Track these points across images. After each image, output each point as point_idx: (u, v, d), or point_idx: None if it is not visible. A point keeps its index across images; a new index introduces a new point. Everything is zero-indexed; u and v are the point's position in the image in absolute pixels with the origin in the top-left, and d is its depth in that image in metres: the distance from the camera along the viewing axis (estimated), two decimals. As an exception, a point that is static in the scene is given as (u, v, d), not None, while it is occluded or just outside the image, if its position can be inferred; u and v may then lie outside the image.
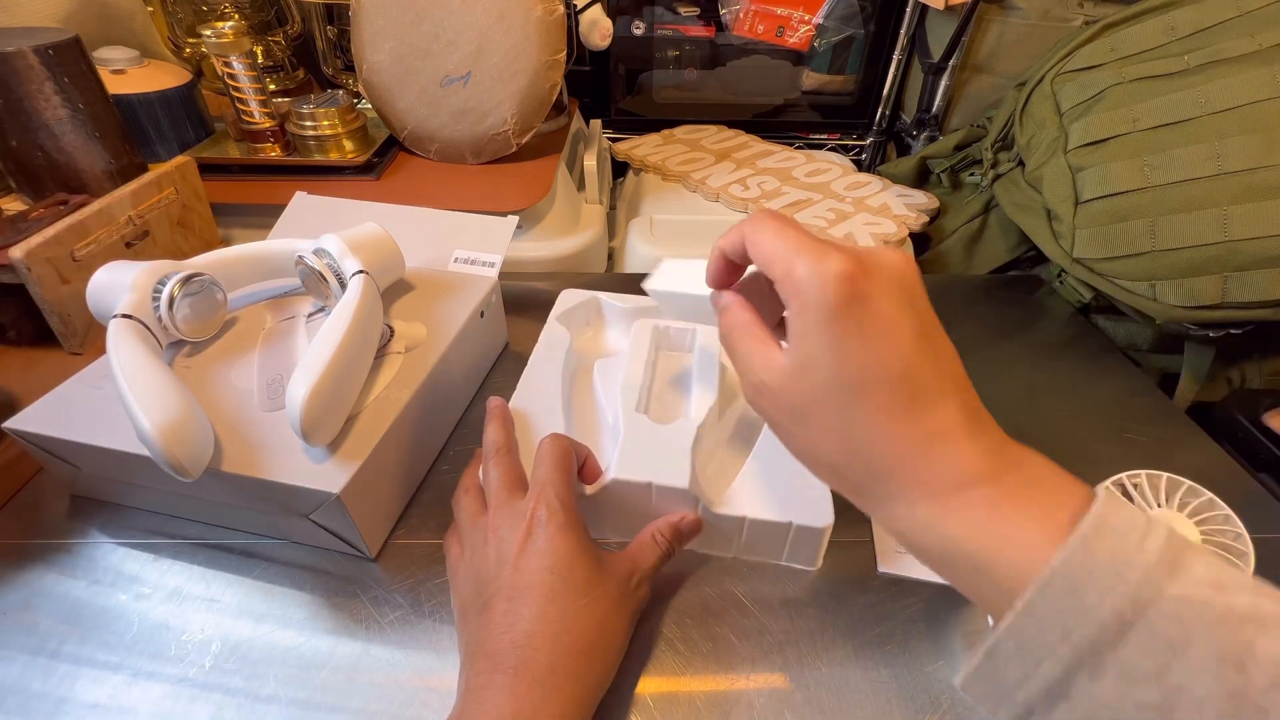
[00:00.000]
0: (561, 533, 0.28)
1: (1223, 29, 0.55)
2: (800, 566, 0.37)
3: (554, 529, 0.28)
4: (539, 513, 0.28)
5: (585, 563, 0.28)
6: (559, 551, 0.28)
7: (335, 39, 0.82)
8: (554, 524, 0.28)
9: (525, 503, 0.29)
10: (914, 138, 0.92)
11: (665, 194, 0.80)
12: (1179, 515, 0.38)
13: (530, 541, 0.28)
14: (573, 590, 0.27)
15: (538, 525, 0.28)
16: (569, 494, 0.30)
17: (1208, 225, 0.51)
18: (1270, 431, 0.48)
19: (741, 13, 0.92)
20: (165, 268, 0.39)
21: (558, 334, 0.46)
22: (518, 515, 0.29)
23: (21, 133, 0.53)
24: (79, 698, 0.31)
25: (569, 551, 0.28)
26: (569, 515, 0.29)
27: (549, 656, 0.25)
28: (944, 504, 0.22)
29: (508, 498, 0.30)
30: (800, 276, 0.22)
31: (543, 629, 0.26)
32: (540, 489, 0.30)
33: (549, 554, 0.27)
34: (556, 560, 0.27)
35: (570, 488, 0.30)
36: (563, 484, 0.30)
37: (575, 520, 0.29)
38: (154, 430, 0.30)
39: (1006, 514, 0.21)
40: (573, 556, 0.28)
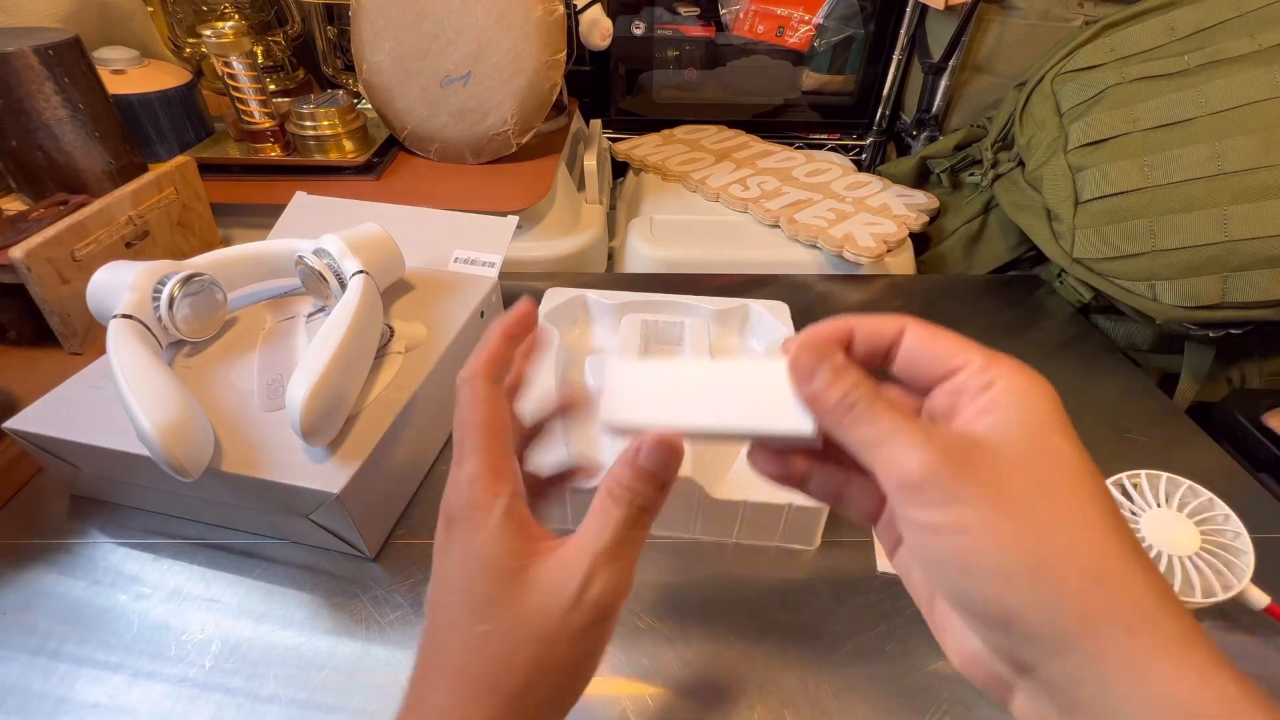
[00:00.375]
0: (465, 534, 0.21)
1: (1223, 29, 0.55)
2: (799, 546, 0.38)
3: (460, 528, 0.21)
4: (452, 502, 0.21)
5: (493, 579, 0.20)
6: (465, 558, 0.21)
7: (335, 39, 0.82)
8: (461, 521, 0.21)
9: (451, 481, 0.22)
10: (914, 138, 0.92)
11: (665, 194, 0.80)
12: (1179, 515, 0.38)
13: (448, 541, 0.21)
14: (466, 614, 0.20)
15: (448, 520, 0.21)
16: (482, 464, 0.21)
17: (1207, 225, 0.51)
18: (1270, 431, 0.48)
19: (741, 13, 0.92)
20: (165, 268, 0.39)
21: (546, 333, 0.46)
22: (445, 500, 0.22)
23: (21, 133, 0.53)
24: (79, 698, 0.31)
25: (465, 559, 0.21)
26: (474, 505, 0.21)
27: (443, 697, 0.20)
28: (1177, 660, 0.15)
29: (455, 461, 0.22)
30: (1012, 365, 0.19)
31: (435, 661, 0.21)
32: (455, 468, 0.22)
33: (456, 560, 0.21)
34: (451, 570, 0.21)
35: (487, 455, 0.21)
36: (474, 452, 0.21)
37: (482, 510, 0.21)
38: (154, 430, 0.30)
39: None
40: (477, 570, 0.20)
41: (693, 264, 0.69)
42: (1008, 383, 0.19)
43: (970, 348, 0.20)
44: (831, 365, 0.20)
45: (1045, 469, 0.17)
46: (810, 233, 0.69)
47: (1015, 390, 0.19)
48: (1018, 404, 0.18)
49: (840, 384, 0.19)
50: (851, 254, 0.66)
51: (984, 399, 0.19)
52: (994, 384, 0.19)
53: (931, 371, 0.20)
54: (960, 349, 0.20)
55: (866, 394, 0.19)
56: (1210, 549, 0.36)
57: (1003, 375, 0.19)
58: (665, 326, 0.46)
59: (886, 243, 0.67)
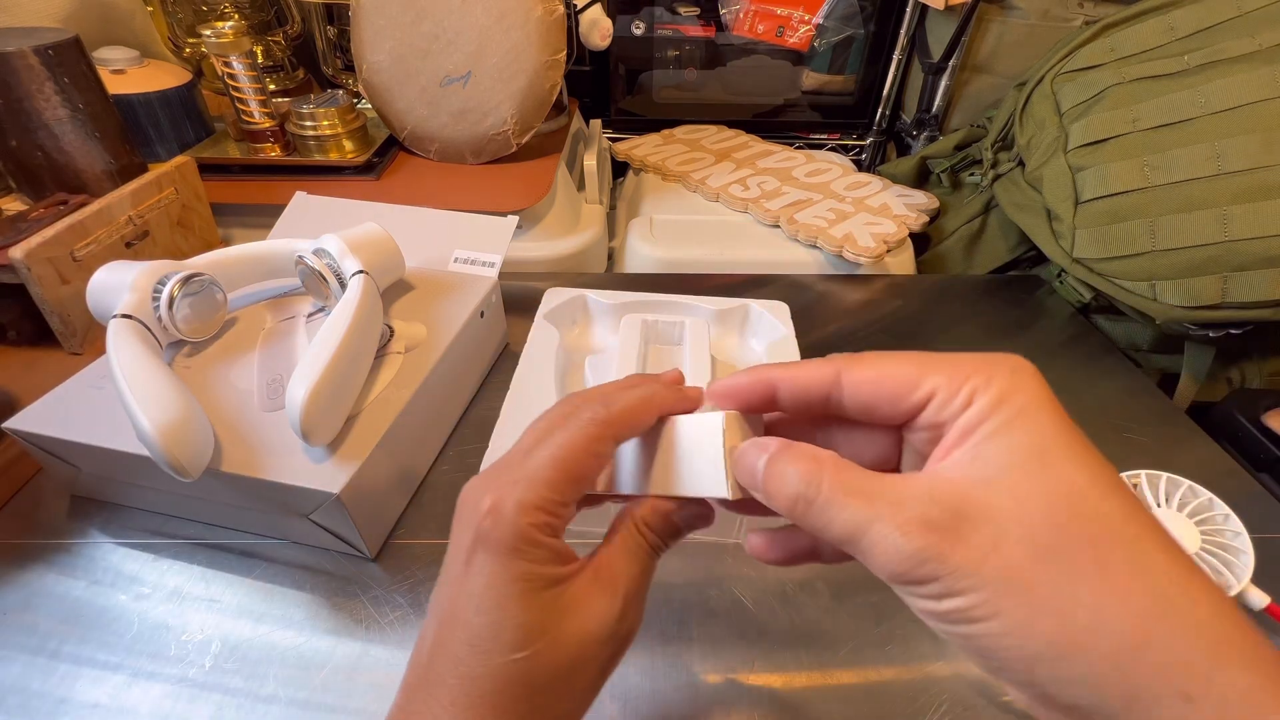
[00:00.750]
0: (502, 560, 0.19)
1: (1223, 29, 0.55)
2: None
3: (495, 552, 0.19)
4: (485, 524, 0.20)
5: (525, 606, 0.19)
6: (494, 584, 0.19)
7: (335, 39, 0.82)
8: (497, 544, 0.19)
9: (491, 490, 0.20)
10: (914, 138, 0.92)
11: (665, 194, 0.80)
12: (1179, 515, 0.38)
13: (471, 559, 0.20)
14: (501, 643, 0.19)
15: (481, 541, 0.20)
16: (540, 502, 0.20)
17: (1207, 225, 0.51)
18: (1270, 431, 0.48)
19: (741, 13, 0.92)
20: (165, 268, 0.39)
21: (547, 332, 0.46)
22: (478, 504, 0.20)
23: (21, 133, 0.53)
24: (79, 698, 0.31)
25: (504, 585, 0.19)
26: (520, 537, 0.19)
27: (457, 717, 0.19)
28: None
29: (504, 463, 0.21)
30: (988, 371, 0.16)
31: (455, 685, 0.19)
32: (510, 484, 0.20)
33: (482, 583, 0.19)
34: (487, 594, 0.19)
35: (554, 494, 0.20)
36: (541, 487, 0.20)
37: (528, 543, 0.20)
38: (154, 430, 0.30)
39: None
40: (507, 594, 0.19)
41: (693, 264, 0.69)
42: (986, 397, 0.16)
43: (928, 370, 0.17)
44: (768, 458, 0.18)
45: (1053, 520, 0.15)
46: (810, 233, 0.69)
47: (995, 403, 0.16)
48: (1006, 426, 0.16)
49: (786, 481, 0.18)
50: (851, 254, 0.66)
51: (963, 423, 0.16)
52: (974, 400, 0.16)
53: (894, 412, 0.18)
54: (915, 378, 0.17)
55: (827, 483, 0.17)
56: (1210, 549, 0.36)
57: (978, 387, 0.16)
58: (665, 326, 0.46)
59: (886, 243, 0.67)
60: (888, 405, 0.18)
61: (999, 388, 0.16)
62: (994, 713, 0.31)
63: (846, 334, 0.58)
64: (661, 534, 0.23)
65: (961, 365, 0.17)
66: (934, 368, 0.17)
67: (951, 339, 0.58)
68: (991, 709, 0.31)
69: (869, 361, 0.18)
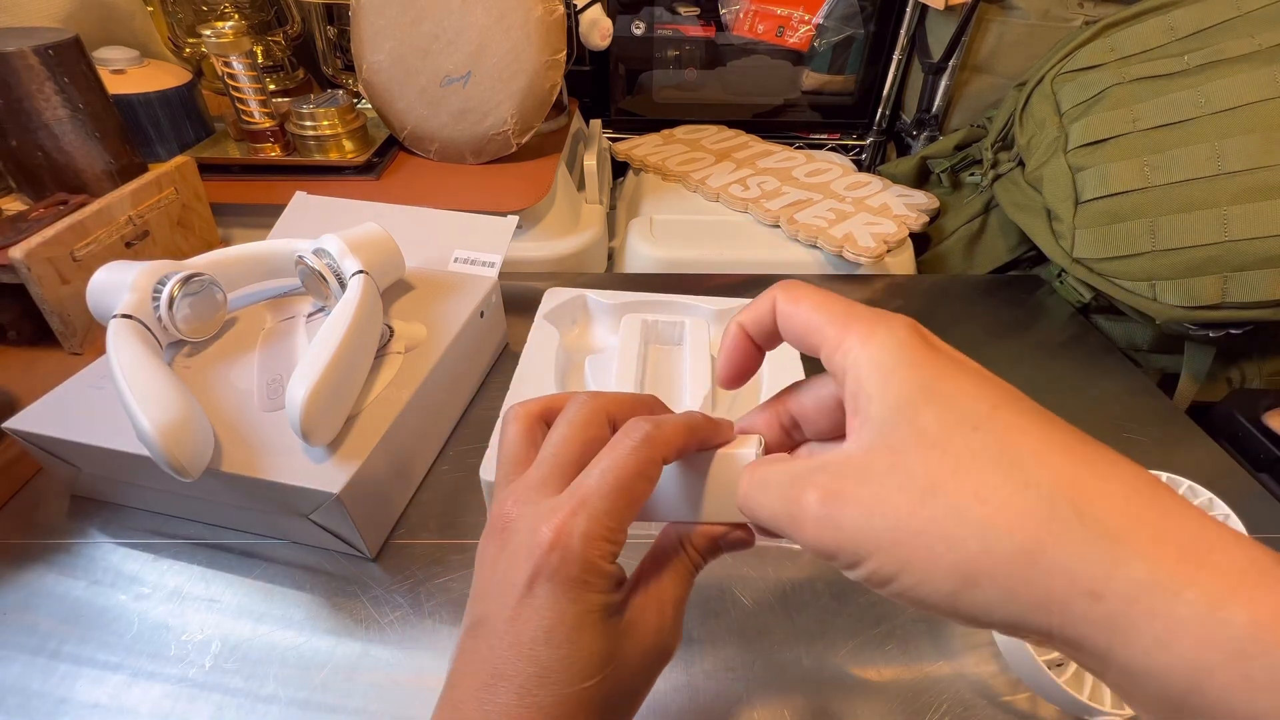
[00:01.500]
0: (571, 592, 0.20)
1: (1223, 29, 0.55)
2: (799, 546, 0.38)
3: (563, 585, 0.20)
4: (551, 558, 0.20)
5: (596, 636, 0.20)
6: (563, 617, 0.20)
7: (335, 39, 0.82)
8: (565, 578, 0.20)
9: (550, 520, 0.20)
10: (914, 138, 0.92)
11: (665, 194, 0.80)
12: (1179, 515, 0.37)
13: (533, 590, 0.20)
14: (574, 673, 0.20)
15: (544, 574, 0.20)
16: (606, 532, 0.20)
17: (1208, 225, 0.51)
18: (1270, 431, 0.48)
19: (741, 13, 0.92)
20: (165, 268, 0.39)
21: (547, 332, 0.46)
22: (535, 535, 0.20)
23: (21, 133, 0.53)
24: (79, 698, 0.31)
25: (574, 618, 0.20)
26: (588, 569, 0.20)
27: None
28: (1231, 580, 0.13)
29: (540, 486, 0.21)
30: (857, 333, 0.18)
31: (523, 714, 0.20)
32: (570, 514, 0.20)
33: (550, 617, 0.20)
34: (557, 628, 0.20)
35: (616, 520, 0.20)
36: (605, 515, 0.20)
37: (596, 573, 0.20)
38: (154, 430, 0.30)
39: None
40: (579, 627, 0.20)
41: (693, 264, 0.69)
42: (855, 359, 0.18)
43: (823, 322, 0.19)
44: None
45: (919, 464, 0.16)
46: (810, 233, 0.69)
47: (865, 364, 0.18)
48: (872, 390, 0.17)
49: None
50: (851, 254, 0.66)
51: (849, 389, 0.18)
52: (847, 370, 0.18)
53: (805, 347, 0.20)
54: (815, 326, 0.19)
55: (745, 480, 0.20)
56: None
57: (850, 352, 0.18)
58: (665, 326, 0.46)
59: (886, 243, 0.67)
60: (799, 339, 0.20)
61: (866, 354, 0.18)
62: (994, 713, 0.31)
63: (846, 334, 0.58)
64: (705, 554, 0.24)
65: (849, 324, 0.19)
66: (828, 319, 0.19)
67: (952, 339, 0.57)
68: (991, 709, 0.31)
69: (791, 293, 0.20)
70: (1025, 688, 0.32)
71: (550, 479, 0.21)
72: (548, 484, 0.21)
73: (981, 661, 0.33)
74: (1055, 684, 0.30)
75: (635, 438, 0.21)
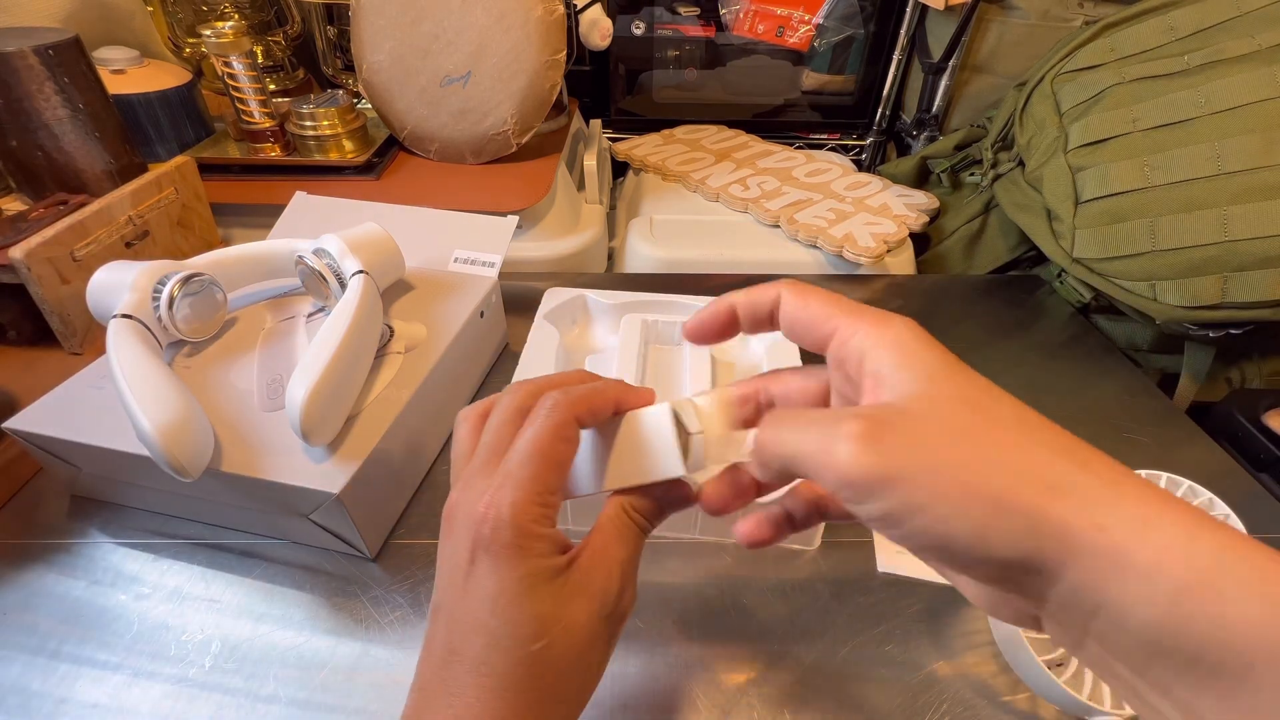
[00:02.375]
0: (508, 559, 0.21)
1: (1223, 29, 0.55)
2: (799, 546, 0.38)
3: (500, 554, 0.21)
4: (484, 530, 0.21)
5: (538, 598, 0.21)
6: (504, 585, 0.21)
7: (335, 39, 0.82)
8: (501, 546, 0.21)
9: (482, 498, 0.21)
10: (914, 138, 0.92)
11: (665, 194, 0.80)
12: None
13: (475, 565, 0.21)
14: (521, 636, 0.21)
15: (481, 546, 0.21)
16: (532, 498, 0.21)
17: (1207, 225, 0.51)
18: (1270, 431, 0.48)
19: (741, 13, 0.92)
20: (165, 268, 0.39)
21: (547, 333, 0.46)
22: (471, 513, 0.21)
23: (21, 133, 0.53)
24: (79, 698, 0.31)
25: (515, 583, 0.21)
26: (521, 534, 0.21)
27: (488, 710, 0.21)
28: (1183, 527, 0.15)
29: (478, 474, 0.22)
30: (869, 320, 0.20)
31: (481, 680, 0.21)
32: (498, 488, 0.21)
33: (492, 587, 0.21)
34: (500, 596, 0.21)
35: (541, 486, 0.21)
36: (529, 482, 0.21)
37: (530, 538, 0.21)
38: (154, 430, 0.30)
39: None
40: (520, 591, 0.21)
41: (693, 264, 0.69)
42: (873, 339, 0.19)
43: (836, 313, 0.20)
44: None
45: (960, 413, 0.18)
46: (810, 233, 0.69)
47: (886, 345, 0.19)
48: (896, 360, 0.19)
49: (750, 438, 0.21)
50: (851, 254, 0.66)
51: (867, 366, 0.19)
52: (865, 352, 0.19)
53: (810, 337, 0.21)
54: (827, 316, 0.21)
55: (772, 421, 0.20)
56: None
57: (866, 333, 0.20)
58: (665, 326, 0.46)
59: (886, 243, 0.67)
60: (806, 329, 0.21)
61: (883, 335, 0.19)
62: (994, 713, 0.31)
63: (846, 334, 0.58)
64: (648, 515, 0.25)
65: (862, 314, 0.20)
66: (840, 311, 0.20)
67: (951, 339, 0.57)
68: (991, 709, 0.31)
69: (799, 289, 0.22)
70: (1025, 688, 0.32)
71: (487, 464, 0.22)
72: (485, 469, 0.22)
73: (981, 661, 0.33)
74: (1055, 683, 0.30)
75: (546, 406, 0.22)
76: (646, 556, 0.37)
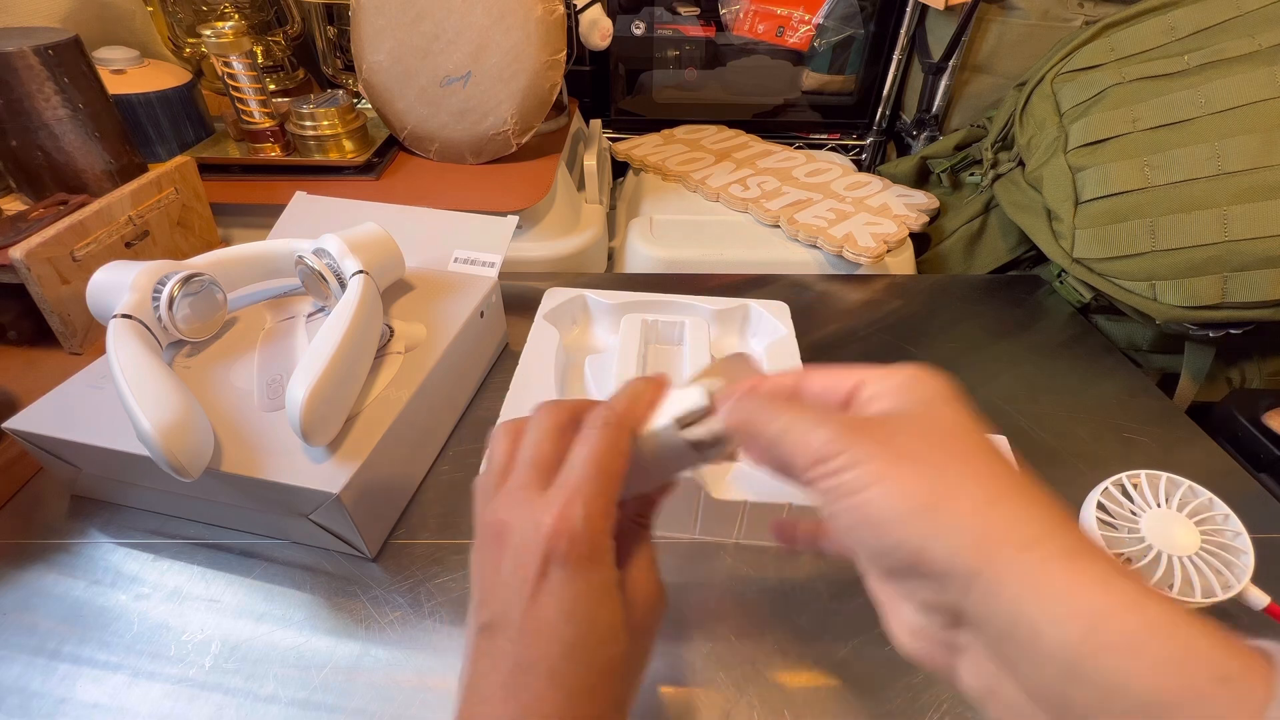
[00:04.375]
0: (584, 570, 0.22)
1: (1223, 29, 0.55)
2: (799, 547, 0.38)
3: (576, 566, 0.22)
4: (559, 544, 0.21)
5: (612, 607, 0.22)
6: (579, 595, 0.22)
7: (335, 39, 0.82)
8: (577, 558, 0.22)
9: (544, 513, 0.22)
10: (914, 138, 0.92)
11: (665, 194, 0.80)
12: (1179, 515, 0.38)
13: (547, 577, 0.22)
14: (596, 646, 0.22)
15: (555, 559, 0.21)
16: (602, 510, 0.22)
17: (1208, 225, 0.51)
18: (1270, 431, 0.48)
19: (741, 13, 0.92)
20: (165, 268, 0.39)
21: (546, 333, 0.46)
22: (539, 528, 0.22)
23: (21, 133, 0.53)
24: (79, 698, 0.31)
25: (592, 594, 0.22)
26: (595, 546, 0.22)
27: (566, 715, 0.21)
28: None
29: (526, 488, 0.23)
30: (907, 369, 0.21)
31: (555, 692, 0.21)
32: (567, 503, 0.22)
33: (568, 598, 0.21)
34: (576, 607, 0.22)
35: (607, 499, 0.22)
36: (597, 496, 0.22)
37: (602, 550, 0.22)
38: (154, 430, 0.30)
39: None
40: (598, 601, 0.22)
41: (693, 264, 0.69)
42: (900, 376, 0.21)
43: (862, 370, 0.22)
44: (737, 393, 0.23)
45: (933, 427, 0.20)
46: (810, 232, 0.69)
47: (908, 380, 0.21)
48: (909, 386, 0.21)
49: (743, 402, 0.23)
50: (851, 254, 0.66)
51: (882, 390, 0.21)
52: (889, 378, 0.21)
53: (835, 398, 0.23)
54: (851, 372, 0.22)
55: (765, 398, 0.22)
56: (1210, 549, 0.36)
57: (900, 372, 0.21)
58: (665, 326, 0.46)
59: (886, 243, 0.67)
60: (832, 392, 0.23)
61: (909, 373, 0.21)
62: (994, 713, 0.31)
63: (846, 334, 0.58)
64: (645, 511, 0.26)
65: (890, 369, 0.22)
66: (866, 370, 0.22)
67: (951, 339, 0.58)
68: (991, 709, 0.31)
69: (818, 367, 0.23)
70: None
71: (534, 481, 0.23)
72: (532, 485, 0.23)
73: (981, 661, 0.33)
74: None
75: (599, 423, 0.23)
76: (646, 556, 0.38)
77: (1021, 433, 0.46)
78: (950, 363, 0.55)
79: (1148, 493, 0.39)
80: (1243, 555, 0.35)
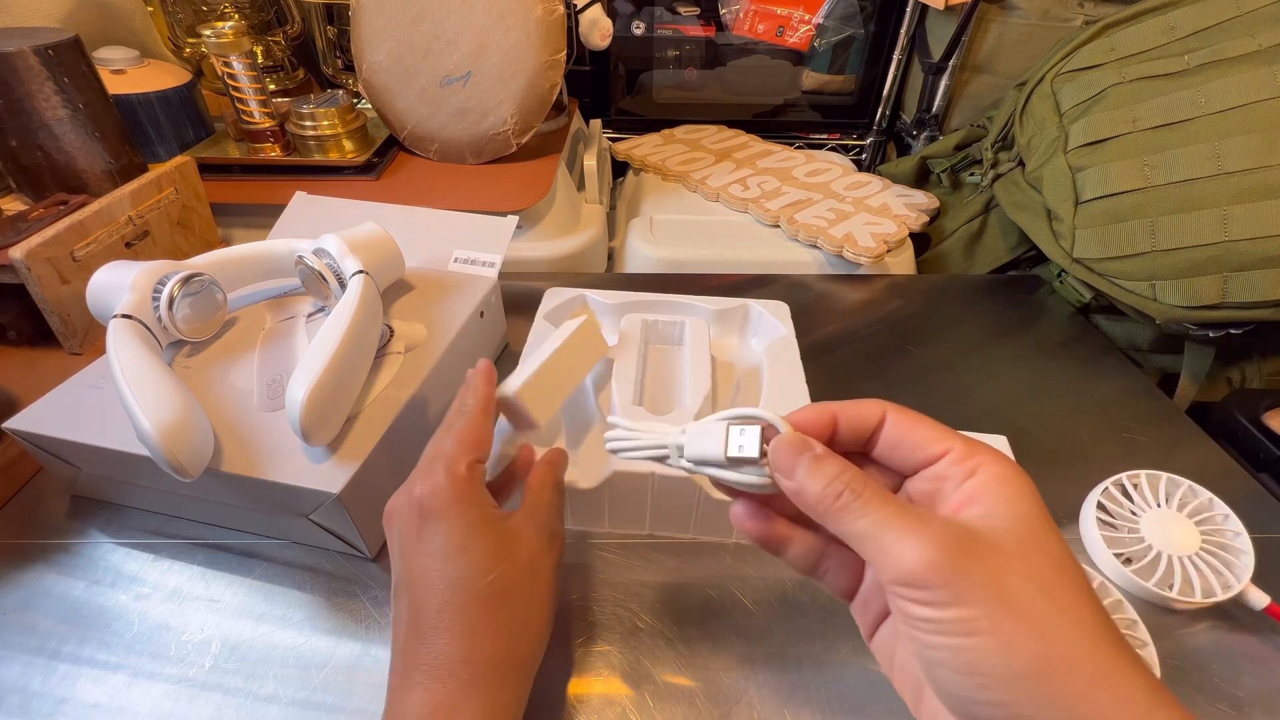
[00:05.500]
0: (450, 510, 0.26)
1: (1223, 29, 0.55)
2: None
3: (440, 508, 0.26)
4: (427, 502, 0.26)
5: (483, 537, 0.26)
6: (451, 531, 0.25)
7: (335, 39, 0.82)
8: (439, 502, 0.26)
9: (415, 485, 0.27)
10: (914, 138, 0.92)
11: (665, 194, 0.80)
12: (1179, 515, 0.38)
13: (423, 530, 0.26)
14: (474, 571, 0.25)
15: (427, 510, 0.26)
16: (466, 467, 0.27)
17: (1208, 225, 0.51)
18: (1270, 431, 0.48)
19: (741, 12, 0.92)
20: (165, 268, 0.39)
21: (547, 333, 0.46)
22: (408, 500, 0.27)
23: (21, 133, 0.53)
24: (79, 698, 0.31)
25: (462, 530, 0.26)
26: (456, 488, 0.26)
27: (462, 647, 0.24)
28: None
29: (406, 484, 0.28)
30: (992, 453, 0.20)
31: (450, 621, 0.24)
32: (428, 472, 0.27)
33: (441, 538, 0.25)
34: (448, 543, 0.25)
35: (468, 451, 0.27)
36: (458, 458, 0.27)
37: (469, 494, 0.26)
38: (154, 430, 0.30)
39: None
40: (467, 534, 0.25)
41: (693, 264, 0.69)
42: (990, 471, 0.19)
43: (951, 435, 0.20)
44: (811, 457, 0.20)
45: (1040, 565, 0.18)
46: (810, 232, 0.69)
47: (998, 479, 0.19)
48: (1003, 494, 0.19)
49: (821, 475, 0.20)
50: (851, 254, 0.66)
51: (968, 487, 0.19)
52: (977, 472, 0.19)
53: (913, 457, 0.21)
54: (941, 436, 0.20)
55: (853, 484, 0.19)
56: (1210, 549, 0.36)
57: (985, 463, 0.19)
58: (665, 326, 0.46)
59: (886, 242, 0.67)
60: (913, 449, 0.21)
61: (1000, 470, 0.19)
62: (994, 713, 0.31)
63: (847, 334, 0.58)
64: (560, 465, 0.32)
65: (977, 444, 0.20)
66: (955, 435, 0.21)
67: (951, 339, 0.58)
68: (991, 709, 0.31)
69: (907, 410, 0.22)
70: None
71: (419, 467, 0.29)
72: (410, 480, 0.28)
73: (981, 661, 0.33)
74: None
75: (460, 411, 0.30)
76: (645, 557, 0.38)
77: (1021, 433, 0.46)
78: (950, 363, 0.55)
79: (1148, 493, 0.39)
80: (1243, 555, 0.35)
